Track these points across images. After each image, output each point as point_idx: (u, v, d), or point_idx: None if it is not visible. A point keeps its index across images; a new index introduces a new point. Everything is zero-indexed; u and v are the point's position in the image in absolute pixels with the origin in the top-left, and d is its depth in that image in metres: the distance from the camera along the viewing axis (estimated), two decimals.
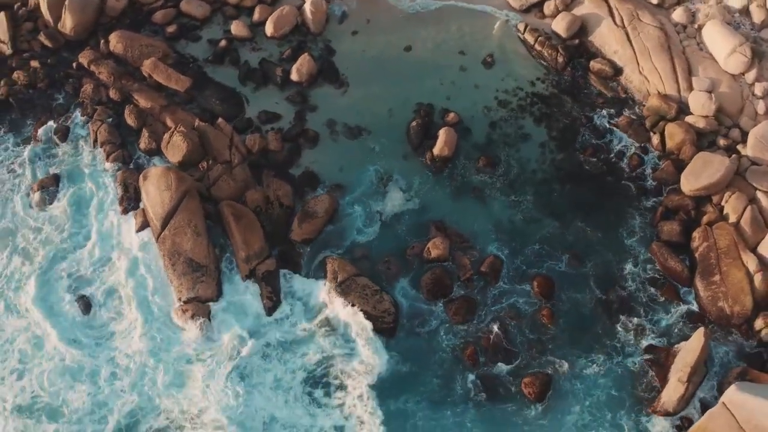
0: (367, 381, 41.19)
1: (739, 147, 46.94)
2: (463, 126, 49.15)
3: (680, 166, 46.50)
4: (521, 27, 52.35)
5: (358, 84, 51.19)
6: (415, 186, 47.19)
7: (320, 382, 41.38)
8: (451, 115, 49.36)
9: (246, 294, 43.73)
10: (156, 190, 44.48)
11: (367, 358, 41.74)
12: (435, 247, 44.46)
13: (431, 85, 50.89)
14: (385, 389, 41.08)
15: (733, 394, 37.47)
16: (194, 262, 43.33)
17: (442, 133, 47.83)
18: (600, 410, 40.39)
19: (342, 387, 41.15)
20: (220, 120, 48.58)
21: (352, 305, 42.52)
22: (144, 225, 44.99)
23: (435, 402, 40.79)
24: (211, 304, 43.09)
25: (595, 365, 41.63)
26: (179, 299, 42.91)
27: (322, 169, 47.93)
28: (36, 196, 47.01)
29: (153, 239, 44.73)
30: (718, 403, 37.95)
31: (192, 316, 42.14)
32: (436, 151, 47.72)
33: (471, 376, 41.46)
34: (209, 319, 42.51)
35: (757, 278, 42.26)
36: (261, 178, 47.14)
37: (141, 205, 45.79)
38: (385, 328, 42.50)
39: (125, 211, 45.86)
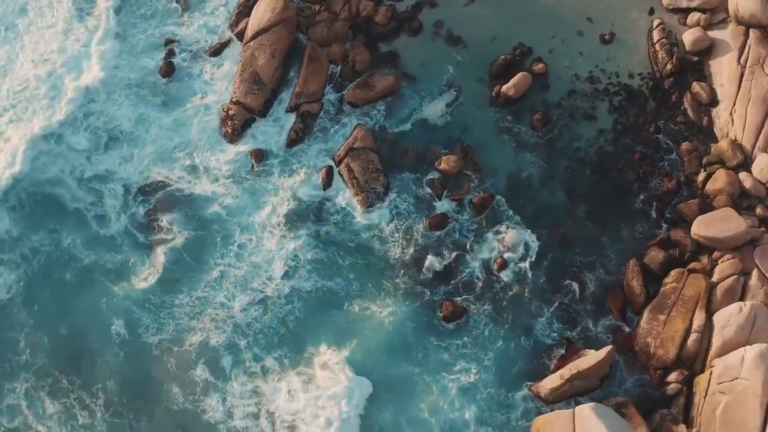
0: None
1: None
2: (544, 80, 51.09)
3: (705, 209, 46.07)
4: (655, 23, 52.07)
5: (483, 2, 53.74)
6: (463, 105, 50.47)
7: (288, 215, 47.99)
8: (540, 65, 51.28)
9: (281, 122, 50.15)
10: (263, 9, 51.51)
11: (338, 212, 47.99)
12: (447, 162, 48.41)
13: (543, 34, 52.50)
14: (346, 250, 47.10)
15: (585, 408, 39.48)
16: (258, 77, 50.25)
17: (518, 77, 50.26)
18: (479, 360, 43.70)
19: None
20: None
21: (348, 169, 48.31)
22: (242, 31, 52.23)
23: (361, 284, 46.15)
24: (251, 116, 49.89)
25: (508, 325, 44.58)
26: (231, 99, 50.23)
27: (407, 55, 52.28)
28: None
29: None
30: (571, 409, 40.30)
31: (232, 116, 49.47)
32: (504, 88, 50.34)
33: (408, 277, 46.03)
34: (242, 126, 49.50)
35: (693, 337, 42.38)
36: (353, 39, 52.49)
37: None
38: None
39: (237, 15, 53.28)
